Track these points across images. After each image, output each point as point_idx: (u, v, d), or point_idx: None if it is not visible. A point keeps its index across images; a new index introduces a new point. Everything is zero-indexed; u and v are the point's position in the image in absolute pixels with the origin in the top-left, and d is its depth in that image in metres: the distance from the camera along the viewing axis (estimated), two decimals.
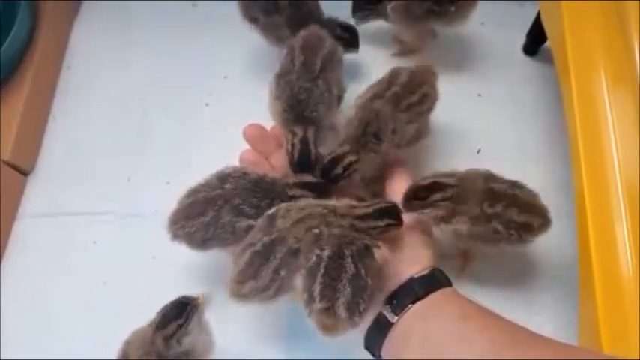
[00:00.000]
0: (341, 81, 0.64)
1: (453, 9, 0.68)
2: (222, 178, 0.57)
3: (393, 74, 0.62)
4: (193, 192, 0.57)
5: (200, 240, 0.57)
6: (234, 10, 0.81)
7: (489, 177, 0.57)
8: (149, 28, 0.82)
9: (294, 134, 0.59)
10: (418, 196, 0.54)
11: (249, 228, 0.54)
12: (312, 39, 0.63)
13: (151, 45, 0.80)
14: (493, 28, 0.78)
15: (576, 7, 0.56)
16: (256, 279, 0.50)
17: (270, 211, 0.53)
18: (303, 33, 0.63)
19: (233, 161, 0.61)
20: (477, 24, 0.76)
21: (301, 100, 0.60)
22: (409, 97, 0.60)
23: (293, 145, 0.59)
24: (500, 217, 0.55)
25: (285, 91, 0.60)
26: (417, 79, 0.61)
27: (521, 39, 0.76)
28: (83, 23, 0.83)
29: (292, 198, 0.56)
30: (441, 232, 0.57)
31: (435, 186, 0.54)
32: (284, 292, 0.52)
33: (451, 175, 0.56)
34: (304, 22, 0.66)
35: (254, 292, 0.51)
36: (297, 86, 0.60)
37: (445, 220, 0.55)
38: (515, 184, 0.57)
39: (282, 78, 0.61)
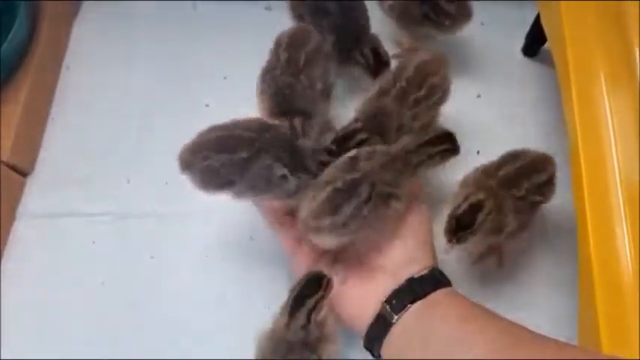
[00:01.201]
0: (326, 76, 0.63)
1: (447, 22, 0.68)
2: (265, 126, 0.54)
3: (399, 68, 0.61)
4: (223, 128, 0.53)
5: (222, 180, 0.53)
6: (234, 10, 0.81)
7: (487, 170, 0.57)
8: (149, 28, 0.82)
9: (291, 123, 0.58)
10: (462, 225, 0.52)
11: (284, 178, 0.52)
12: (299, 35, 0.62)
13: (151, 45, 0.80)
14: (493, 29, 0.78)
15: (575, 8, 0.56)
16: (335, 216, 0.49)
17: (351, 153, 0.53)
18: (290, 29, 0.63)
19: None
20: (477, 24, 0.76)
21: (286, 94, 0.59)
22: (416, 92, 0.59)
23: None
24: (532, 189, 0.56)
25: (271, 86, 0.60)
26: (423, 71, 0.60)
27: (520, 40, 0.76)
28: (83, 23, 0.83)
29: (321, 164, 0.54)
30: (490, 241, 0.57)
31: (473, 208, 0.53)
32: (365, 229, 0.51)
33: (470, 192, 0.54)
34: (349, 29, 0.66)
35: (331, 227, 0.49)
36: (280, 81, 0.60)
37: (497, 230, 0.55)
38: (512, 158, 0.57)
39: (267, 74, 0.61)
